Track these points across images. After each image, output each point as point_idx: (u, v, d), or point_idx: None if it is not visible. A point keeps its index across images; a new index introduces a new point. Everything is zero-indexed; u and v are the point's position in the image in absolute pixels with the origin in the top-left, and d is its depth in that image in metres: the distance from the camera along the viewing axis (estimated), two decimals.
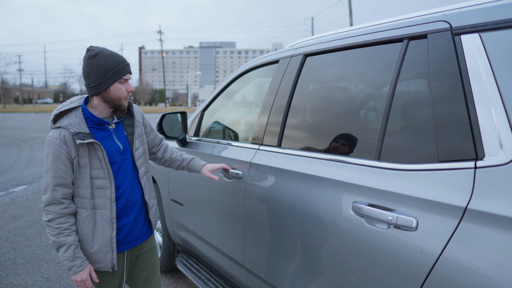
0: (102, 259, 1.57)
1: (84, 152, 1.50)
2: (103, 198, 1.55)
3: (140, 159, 1.70)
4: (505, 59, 1.00)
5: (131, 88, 1.58)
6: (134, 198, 1.67)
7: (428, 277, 1.02)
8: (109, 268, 1.59)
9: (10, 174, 7.08)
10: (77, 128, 1.48)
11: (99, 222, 1.55)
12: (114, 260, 1.59)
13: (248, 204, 1.85)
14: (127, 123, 1.69)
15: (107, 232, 1.56)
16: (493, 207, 0.92)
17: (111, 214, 1.56)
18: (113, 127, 1.62)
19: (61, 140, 1.47)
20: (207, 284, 2.26)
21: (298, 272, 1.53)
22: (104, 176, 1.54)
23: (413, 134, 1.24)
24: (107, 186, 1.55)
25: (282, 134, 1.79)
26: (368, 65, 1.51)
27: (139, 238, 1.73)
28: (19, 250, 3.55)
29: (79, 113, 1.54)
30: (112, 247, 1.57)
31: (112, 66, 1.51)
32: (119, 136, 1.63)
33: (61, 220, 1.50)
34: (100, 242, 1.55)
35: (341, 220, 1.31)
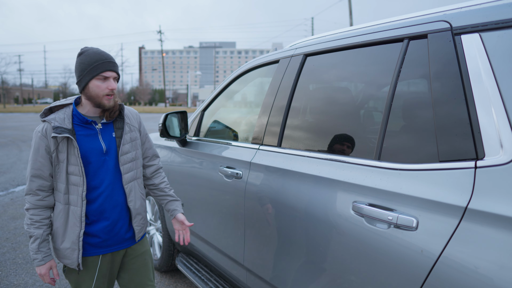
0: (69, 255, 1.57)
1: (63, 147, 1.52)
2: (76, 195, 1.55)
3: (127, 164, 1.66)
4: (505, 59, 1.00)
5: (112, 86, 1.55)
6: (114, 202, 1.63)
7: (428, 277, 1.02)
8: (75, 266, 1.58)
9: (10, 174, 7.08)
10: (59, 123, 1.51)
11: (70, 218, 1.56)
12: (80, 259, 1.57)
13: (248, 204, 1.85)
14: (118, 126, 1.67)
15: (76, 229, 1.55)
16: (493, 207, 0.92)
17: (81, 212, 1.55)
18: (99, 127, 1.61)
19: (42, 134, 1.52)
20: (207, 284, 2.26)
21: (298, 272, 1.53)
22: (79, 173, 1.54)
23: (413, 134, 1.24)
24: (80, 183, 1.54)
25: (282, 134, 1.79)
26: (368, 65, 1.51)
27: (121, 243, 1.68)
28: (19, 250, 3.54)
29: (68, 110, 1.58)
30: (79, 246, 1.56)
31: (91, 62, 1.52)
32: (105, 137, 1.62)
33: (35, 212, 1.54)
34: (69, 238, 1.56)
35: (341, 220, 1.31)
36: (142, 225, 1.76)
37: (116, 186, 1.64)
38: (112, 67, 1.56)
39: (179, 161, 2.67)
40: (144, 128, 1.83)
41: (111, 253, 1.68)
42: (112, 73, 1.56)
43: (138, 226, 1.73)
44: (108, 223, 1.62)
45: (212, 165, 2.23)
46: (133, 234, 1.73)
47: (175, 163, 2.70)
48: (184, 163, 2.61)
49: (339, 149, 1.51)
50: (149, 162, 1.86)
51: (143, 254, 1.81)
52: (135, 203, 1.70)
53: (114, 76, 1.58)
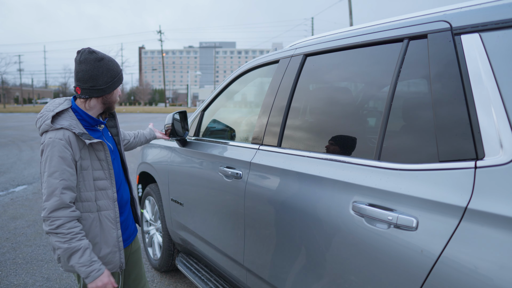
0: (111, 260, 1.57)
1: (85, 153, 1.49)
2: (106, 199, 1.55)
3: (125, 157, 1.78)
4: (505, 59, 1.01)
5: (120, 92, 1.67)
6: (126, 197, 1.72)
7: (428, 277, 1.02)
8: (118, 268, 1.61)
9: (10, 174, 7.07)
10: (78, 129, 1.47)
11: (104, 224, 1.55)
12: (122, 259, 1.61)
13: (248, 204, 1.85)
14: (110, 125, 1.75)
15: (113, 232, 1.56)
16: (493, 207, 0.92)
17: (114, 214, 1.57)
18: (102, 128, 1.65)
19: (66, 141, 1.42)
20: (207, 284, 2.26)
21: (298, 272, 1.53)
22: (105, 177, 1.55)
23: (413, 134, 1.24)
24: (109, 186, 1.56)
25: (282, 134, 1.79)
26: (368, 65, 1.51)
27: (131, 235, 1.77)
28: (19, 250, 3.54)
29: (72, 115, 1.52)
30: (119, 246, 1.59)
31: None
32: (107, 137, 1.68)
33: (72, 224, 1.42)
34: (108, 243, 1.55)
35: (341, 220, 1.31)
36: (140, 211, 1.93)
37: (124, 181, 1.74)
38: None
39: (179, 161, 2.67)
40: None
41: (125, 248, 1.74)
42: None
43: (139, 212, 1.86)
44: (123, 218, 1.69)
45: (212, 165, 2.23)
46: (135, 225, 1.82)
47: (175, 163, 2.70)
48: (184, 163, 2.61)
49: (339, 149, 1.51)
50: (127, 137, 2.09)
51: (138, 249, 1.89)
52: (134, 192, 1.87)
53: None
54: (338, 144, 1.53)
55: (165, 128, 2.50)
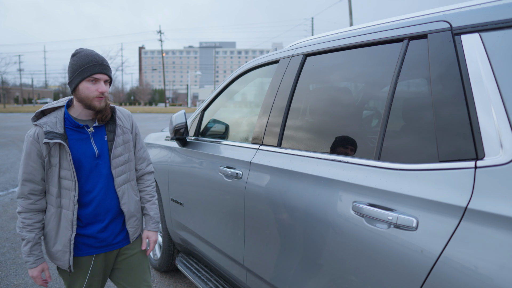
0: (61, 257, 1.58)
1: (55, 151, 1.52)
2: (68, 199, 1.56)
3: (119, 167, 1.66)
4: (505, 59, 1.01)
5: (102, 89, 1.53)
6: (107, 205, 1.64)
7: (428, 277, 1.02)
8: (66, 268, 1.59)
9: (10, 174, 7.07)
10: (51, 127, 1.51)
11: (62, 222, 1.57)
12: (71, 261, 1.58)
13: (248, 204, 1.84)
14: (110, 129, 1.66)
15: (67, 232, 1.56)
16: (493, 206, 0.92)
17: (72, 216, 1.56)
18: (91, 131, 1.60)
19: (33, 138, 1.51)
20: (207, 284, 2.26)
21: (298, 272, 1.53)
22: (71, 178, 1.54)
23: (413, 134, 1.24)
24: (72, 188, 1.55)
25: (282, 134, 1.79)
26: (368, 65, 1.51)
27: (115, 244, 1.69)
28: (19, 250, 3.54)
29: (60, 113, 1.57)
30: (70, 249, 1.57)
31: (82, 64, 1.51)
32: (97, 140, 1.61)
33: (27, 215, 1.55)
34: (60, 241, 1.57)
35: (341, 220, 1.31)
36: (136, 227, 1.77)
37: (109, 190, 1.64)
38: (102, 70, 1.54)
39: (179, 161, 2.67)
40: (137, 128, 1.81)
41: (105, 253, 1.69)
42: (103, 76, 1.54)
43: (132, 228, 1.73)
44: (102, 226, 1.63)
45: (212, 165, 2.23)
46: (126, 235, 1.74)
47: (175, 163, 2.70)
48: (184, 163, 2.61)
49: (339, 149, 1.51)
50: (137, 165, 1.83)
51: (138, 254, 1.80)
52: (129, 205, 1.70)
53: (105, 79, 1.56)
54: (338, 144, 1.53)
55: (176, 128, 2.44)
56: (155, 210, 1.86)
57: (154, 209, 1.85)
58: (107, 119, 1.64)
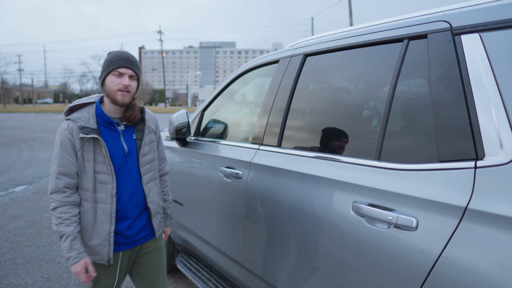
0: (100, 251, 1.60)
1: (89, 146, 1.54)
2: (105, 193, 1.58)
3: (146, 165, 1.71)
4: (505, 59, 1.00)
5: (125, 82, 1.57)
6: (134, 202, 1.68)
7: (428, 277, 1.02)
8: (105, 262, 1.61)
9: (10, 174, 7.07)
10: (84, 122, 1.54)
11: (99, 216, 1.58)
12: (111, 254, 1.60)
13: (248, 204, 1.84)
14: (138, 128, 1.71)
15: (106, 226, 1.58)
16: (493, 207, 0.92)
17: (111, 209, 1.58)
18: (122, 128, 1.64)
19: (68, 132, 1.53)
20: (207, 284, 2.26)
21: (298, 272, 1.53)
22: (107, 172, 1.57)
23: (413, 134, 1.24)
24: (109, 181, 1.57)
25: (282, 134, 1.79)
26: (368, 65, 1.51)
27: (136, 241, 1.73)
28: (19, 250, 3.54)
29: (92, 109, 1.61)
30: (110, 241, 1.59)
31: (109, 59, 1.58)
32: (126, 138, 1.66)
33: (63, 210, 1.53)
34: (99, 235, 1.58)
35: (341, 220, 1.31)
36: (161, 224, 1.82)
37: (137, 187, 1.68)
38: (127, 64, 1.58)
39: (179, 161, 2.67)
40: (159, 130, 1.87)
41: (130, 249, 1.72)
42: (127, 70, 1.58)
43: (157, 225, 1.78)
44: (129, 222, 1.67)
45: (212, 165, 2.23)
46: (148, 230, 1.77)
47: (175, 163, 2.70)
48: (184, 163, 2.61)
49: (339, 149, 1.51)
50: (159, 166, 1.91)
51: (158, 249, 1.84)
52: (154, 203, 1.75)
53: (130, 74, 1.60)
54: (338, 144, 1.53)
55: (178, 128, 2.44)
56: (171, 209, 1.98)
57: (171, 208, 1.97)
58: (135, 120, 1.67)
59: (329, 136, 1.61)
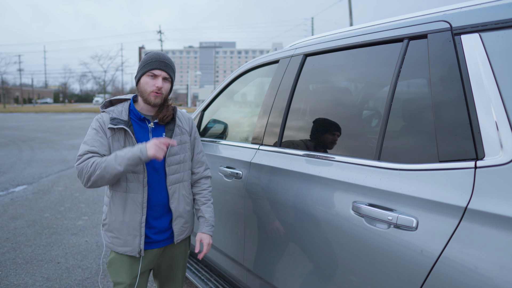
0: (130, 242, 1.59)
1: (120, 136, 1.58)
2: (136, 182, 1.58)
3: (173, 165, 1.67)
4: (505, 59, 1.00)
5: (159, 84, 1.59)
6: (156, 201, 1.64)
7: (428, 277, 1.02)
8: (136, 253, 1.59)
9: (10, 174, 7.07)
10: (117, 115, 1.60)
11: (129, 205, 1.58)
12: (142, 245, 1.59)
13: (248, 204, 1.84)
14: (169, 128, 1.70)
15: (137, 215, 1.58)
16: (493, 207, 0.92)
17: (142, 198, 1.58)
18: (152, 126, 1.66)
19: (102, 121, 1.61)
20: (207, 284, 2.26)
21: (298, 272, 1.53)
22: None
23: (413, 134, 1.24)
24: (140, 170, 1.58)
25: (282, 134, 1.79)
26: (368, 65, 1.51)
27: (156, 242, 1.67)
28: (19, 250, 3.54)
29: (126, 104, 1.67)
30: (141, 232, 1.58)
31: (146, 60, 1.62)
32: (155, 136, 1.66)
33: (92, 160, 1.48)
34: (129, 225, 1.58)
35: (341, 219, 1.31)
36: (184, 229, 1.74)
37: (160, 186, 1.65)
38: (162, 67, 1.60)
39: None
40: (196, 132, 1.83)
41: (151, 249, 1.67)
42: (161, 72, 1.60)
43: (178, 229, 1.70)
44: (156, 219, 1.65)
45: (212, 165, 2.23)
46: (171, 234, 1.71)
47: None
48: None
49: (339, 149, 1.51)
50: (194, 168, 1.82)
51: (177, 255, 1.78)
52: (178, 205, 1.69)
53: (164, 76, 1.62)
54: (338, 144, 1.53)
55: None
56: (210, 213, 1.79)
57: (209, 212, 1.80)
58: (167, 119, 1.68)
59: (329, 136, 1.61)
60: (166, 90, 1.64)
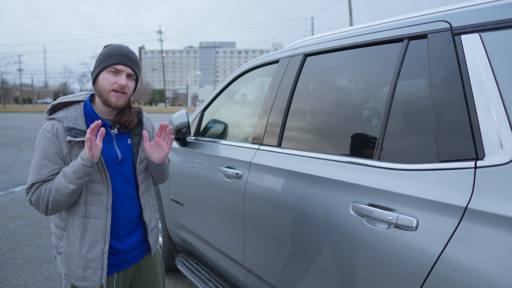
0: (90, 277, 1.36)
1: (79, 150, 1.32)
2: (98, 206, 1.36)
3: (142, 174, 1.51)
4: (505, 59, 1.01)
5: (122, 82, 1.34)
6: (129, 216, 1.47)
7: (428, 277, 1.02)
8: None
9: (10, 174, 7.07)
10: (72, 123, 1.32)
11: (89, 233, 1.35)
12: (103, 280, 1.37)
13: (248, 204, 1.84)
14: (135, 132, 1.51)
15: (99, 245, 1.35)
16: (493, 206, 0.92)
17: (104, 225, 1.36)
18: (115, 132, 1.44)
19: (52, 134, 1.31)
20: (207, 284, 2.26)
21: (298, 272, 1.53)
22: (101, 181, 1.36)
23: (413, 134, 1.24)
24: (104, 192, 1.36)
25: (282, 134, 1.79)
26: (368, 65, 1.51)
27: (132, 259, 1.52)
28: (19, 250, 3.54)
29: (80, 108, 1.38)
30: (102, 264, 1.36)
31: (106, 53, 1.36)
32: (120, 144, 1.45)
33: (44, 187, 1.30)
34: (89, 257, 1.35)
35: (341, 219, 1.31)
36: (157, 238, 1.62)
37: (131, 199, 1.47)
38: (126, 61, 1.36)
39: (179, 161, 2.67)
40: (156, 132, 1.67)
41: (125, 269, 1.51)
42: (125, 68, 1.36)
43: (153, 240, 1.59)
44: (123, 239, 1.46)
45: (212, 165, 2.23)
46: (147, 247, 1.59)
47: (175, 163, 2.70)
48: (184, 163, 2.61)
49: (339, 149, 1.51)
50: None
51: (155, 266, 1.65)
52: (150, 216, 1.56)
53: (128, 72, 1.38)
54: (338, 144, 1.53)
55: (178, 128, 2.42)
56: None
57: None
58: (130, 126, 1.46)
59: (329, 136, 1.61)
60: (130, 89, 1.40)
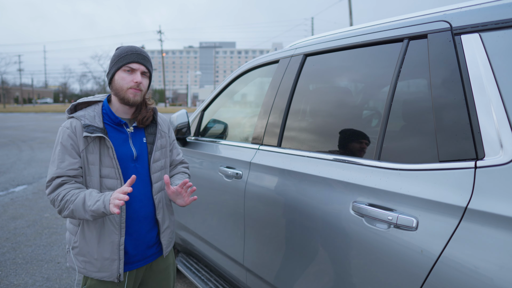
0: (108, 267, 1.42)
1: (95, 147, 1.39)
2: None
3: (157, 172, 1.54)
4: (505, 59, 1.01)
5: (138, 79, 1.42)
6: (142, 214, 1.49)
7: (428, 277, 1.02)
8: (115, 278, 1.43)
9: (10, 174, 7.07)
10: (90, 121, 1.41)
11: (107, 226, 1.41)
12: (121, 270, 1.42)
13: (248, 204, 1.84)
14: (150, 131, 1.55)
15: (115, 237, 1.41)
16: (493, 206, 0.92)
17: (120, 218, 1.41)
18: (131, 130, 1.50)
19: (71, 130, 1.39)
20: (207, 284, 2.26)
21: (298, 272, 1.53)
22: (115, 176, 1.41)
23: (413, 134, 1.24)
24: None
25: (282, 134, 1.79)
26: (368, 65, 1.51)
27: (148, 258, 1.55)
28: (19, 250, 3.54)
29: (98, 107, 1.48)
30: (119, 255, 1.42)
31: (120, 53, 1.45)
32: (135, 142, 1.50)
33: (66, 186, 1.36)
34: (106, 248, 1.41)
35: (341, 219, 1.31)
36: (170, 239, 1.64)
37: (145, 197, 1.50)
38: (140, 60, 1.44)
39: None
40: (173, 133, 1.73)
41: (137, 268, 1.53)
42: (140, 66, 1.44)
43: (166, 241, 1.60)
44: (136, 236, 1.49)
45: (212, 165, 2.23)
46: (160, 248, 1.60)
47: None
48: None
49: (339, 149, 1.51)
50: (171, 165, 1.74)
51: (167, 268, 1.66)
52: (164, 215, 1.57)
53: (143, 70, 1.46)
54: (338, 144, 1.53)
55: (179, 128, 2.43)
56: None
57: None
58: (147, 121, 1.53)
59: (329, 136, 1.61)
60: (145, 86, 1.48)
